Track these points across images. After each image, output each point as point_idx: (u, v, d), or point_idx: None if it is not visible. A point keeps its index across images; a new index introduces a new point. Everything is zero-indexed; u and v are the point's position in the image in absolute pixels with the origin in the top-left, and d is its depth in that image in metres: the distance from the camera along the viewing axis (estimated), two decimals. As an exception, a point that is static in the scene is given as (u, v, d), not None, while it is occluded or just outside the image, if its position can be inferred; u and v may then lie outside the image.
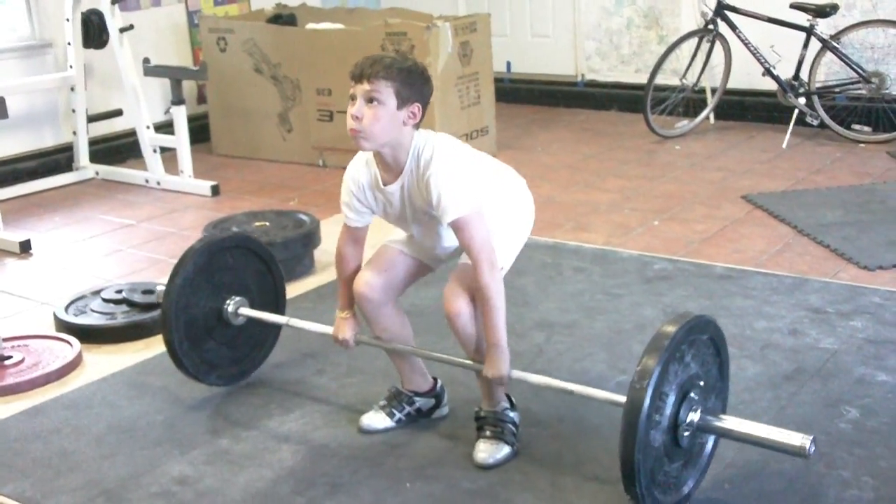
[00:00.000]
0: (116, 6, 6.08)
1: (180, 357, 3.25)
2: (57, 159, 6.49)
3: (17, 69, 6.31)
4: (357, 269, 3.00)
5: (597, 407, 2.83)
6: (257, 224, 4.56)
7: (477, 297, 2.74)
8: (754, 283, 4.17)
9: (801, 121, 6.36)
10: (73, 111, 6.36)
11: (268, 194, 5.92)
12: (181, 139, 6.01)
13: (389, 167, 2.77)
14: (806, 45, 6.27)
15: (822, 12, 6.17)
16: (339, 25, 6.55)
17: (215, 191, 5.95)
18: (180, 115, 5.99)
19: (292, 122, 6.53)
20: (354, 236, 2.98)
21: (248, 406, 3.32)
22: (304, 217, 4.64)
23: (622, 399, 2.43)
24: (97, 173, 6.45)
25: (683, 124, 6.75)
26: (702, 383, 2.55)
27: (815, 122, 6.36)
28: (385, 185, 2.80)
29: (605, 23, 7.53)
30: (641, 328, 3.78)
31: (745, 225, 4.96)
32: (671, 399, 2.44)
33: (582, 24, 7.65)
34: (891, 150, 6.04)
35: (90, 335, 3.87)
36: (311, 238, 4.50)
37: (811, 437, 2.37)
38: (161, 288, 3.36)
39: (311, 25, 6.62)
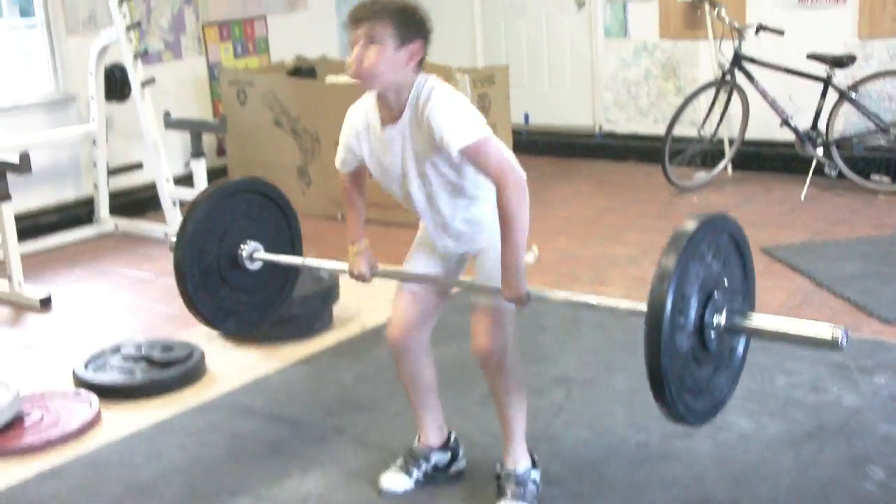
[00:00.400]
0: (139, 60, 6.15)
1: (196, 305, 3.19)
2: (78, 213, 6.55)
3: (41, 123, 6.39)
4: (364, 200, 3.03)
5: (615, 465, 2.81)
6: (276, 279, 4.56)
7: (500, 218, 2.65)
8: (775, 338, 4.14)
9: (819, 171, 6.36)
10: (95, 164, 6.42)
11: (287, 247, 5.93)
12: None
13: (391, 110, 2.73)
14: (824, 96, 6.28)
15: (840, 63, 6.18)
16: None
17: (234, 244, 5.96)
18: (200, 169, 6.04)
19: (311, 175, 6.57)
20: (353, 173, 2.99)
21: (267, 466, 3.31)
22: (322, 273, 4.65)
23: (644, 307, 2.34)
24: (117, 226, 6.49)
25: (701, 176, 6.75)
26: (725, 283, 2.47)
27: (834, 173, 6.35)
28: (384, 126, 2.75)
29: (622, 73, 7.57)
30: (661, 385, 3.75)
31: (765, 278, 4.94)
32: (694, 301, 2.36)
33: (599, 75, 7.69)
34: (910, 200, 6.03)
35: (109, 392, 3.87)
36: (329, 294, 4.51)
37: (842, 327, 2.29)
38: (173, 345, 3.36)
39: (330, 78, 6.68)
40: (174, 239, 3.20)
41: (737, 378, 2.61)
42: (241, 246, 3.26)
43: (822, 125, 6.34)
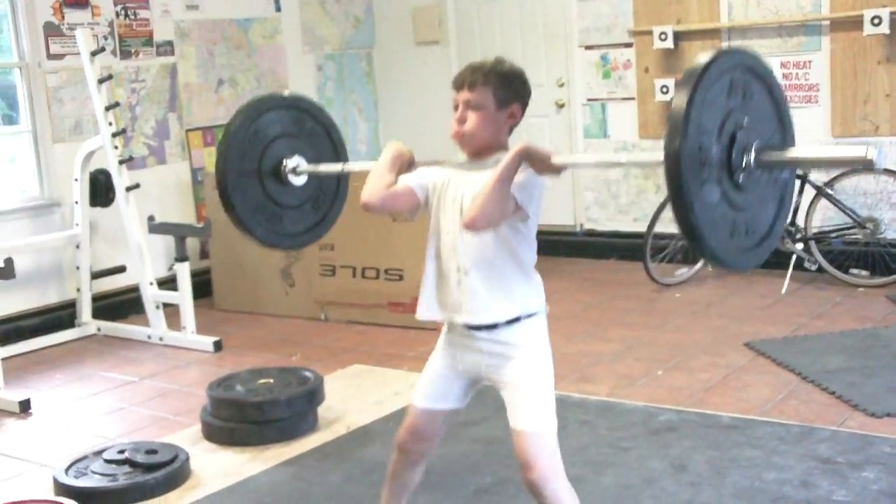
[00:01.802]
0: (124, 165, 6.21)
1: (249, 228, 3.28)
2: (60, 316, 6.52)
3: (25, 228, 6.41)
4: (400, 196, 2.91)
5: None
6: (261, 381, 4.55)
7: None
8: (761, 432, 4.14)
9: (799, 265, 6.43)
10: (78, 268, 6.42)
11: (270, 350, 5.92)
12: (184, 296, 6.05)
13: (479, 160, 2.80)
14: (801, 192, 6.38)
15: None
16: (341, 181, 6.67)
17: (218, 346, 5.95)
18: (184, 272, 6.05)
19: (295, 276, 6.58)
20: (396, 194, 2.88)
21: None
22: (307, 374, 4.63)
23: None
24: (99, 329, 6.47)
25: (683, 272, 6.80)
26: (746, 121, 2.35)
27: (814, 267, 6.42)
28: (465, 168, 2.81)
29: (602, 173, 7.67)
30: (649, 482, 3.74)
31: (749, 372, 4.95)
32: (715, 148, 2.26)
33: (581, 175, 7.79)
34: (889, 293, 6.07)
35: (91, 498, 3.81)
36: (314, 395, 4.48)
37: (877, 147, 2.22)
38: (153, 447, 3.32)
39: (313, 181, 6.74)
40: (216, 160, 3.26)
41: (787, 205, 2.53)
42: (285, 161, 3.30)
43: (800, 220, 6.43)
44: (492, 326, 2.78)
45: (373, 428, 4.54)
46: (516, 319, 2.77)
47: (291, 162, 3.33)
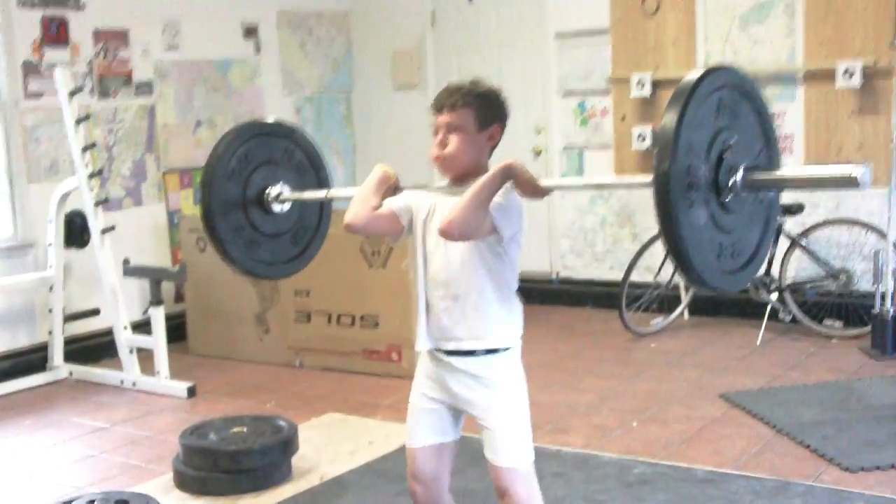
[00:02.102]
0: (100, 207, 6.18)
1: (231, 255, 3.26)
2: (31, 359, 6.44)
3: (-3, 269, 6.36)
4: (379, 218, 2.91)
5: None
6: (235, 430, 4.50)
7: None
8: (736, 486, 4.13)
9: (774, 316, 6.45)
10: (50, 310, 6.36)
11: (245, 396, 5.87)
12: (158, 341, 6.01)
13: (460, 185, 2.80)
14: (776, 243, 6.42)
15: (789, 211, 6.35)
16: (318, 226, 6.65)
17: (191, 392, 5.90)
18: (158, 317, 6.01)
19: (269, 322, 6.55)
20: (379, 216, 2.89)
21: None
22: (282, 423, 4.59)
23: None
24: (71, 373, 6.40)
25: (658, 321, 6.81)
26: (735, 139, 2.34)
27: (788, 318, 6.46)
28: (449, 193, 2.80)
29: (579, 221, 7.70)
30: (624, 538, 3.72)
31: (724, 425, 4.95)
32: (704, 169, 2.25)
33: (556, 223, 7.82)
34: (862, 345, 6.10)
35: (59, 550, 3.75)
36: (288, 445, 4.44)
37: (862, 166, 2.23)
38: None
39: (290, 225, 6.73)
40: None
41: (772, 226, 2.53)
42: (267, 191, 3.31)
43: (775, 271, 6.47)
44: (470, 353, 2.82)
45: (347, 478, 4.50)
46: (494, 350, 2.82)
47: (275, 189, 3.33)
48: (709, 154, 2.30)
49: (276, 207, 3.34)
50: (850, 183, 2.23)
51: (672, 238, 2.22)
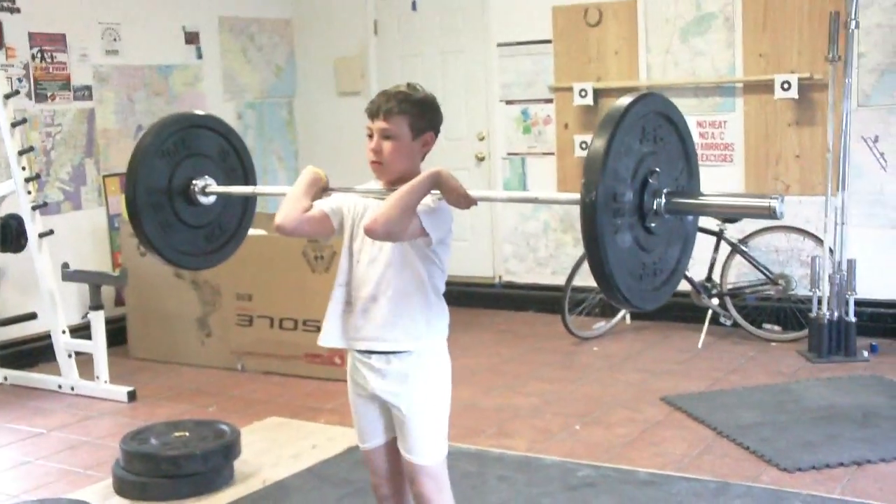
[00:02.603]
0: (37, 211, 6.08)
1: (152, 242, 3.23)
2: (-36, 365, 6.34)
3: (-70, 274, 6.23)
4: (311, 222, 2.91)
5: None
6: (177, 434, 4.45)
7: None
8: (678, 488, 4.17)
9: (715, 320, 6.54)
10: (-15, 315, 6.26)
11: (186, 400, 5.81)
12: (98, 345, 5.92)
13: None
14: (717, 249, 6.52)
15: (730, 218, 6.44)
16: (261, 231, 6.60)
17: (132, 396, 5.82)
18: (98, 321, 5.92)
19: (211, 326, 6.49)
20: (310, 218, 2.89)
21: None
22: (224, 427, 4.54)
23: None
24: (6, 378, 6.28)
25: (601, 325, 6.87)
26: (660, 165, 2.42)
27: (729, 322, 6.55)
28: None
29: (521, 226, 7.74)
30: (568, 539, 3.74)
31: (666, 427, 5.00)
32: (629, 195, 2.32)
33: (499, 228, 7.85)
34: (800, 348, 6.20)
35: (-5, 556, 3.68)
36: (231, 449, 4.40)
37: (778, 197, 2.32)
38: None
39: (232, 230, 6.67)
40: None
41: (691, 243, 2.62)
42: (194, 181, 3.29)
43: (716, 276, 6.55)
44: (389, 353, 2.86)
45: (289, 482, 4.47)
46: (411, 351, 2.86)
47: (202, 181, 3.32)
48: (633, 179, 2.36)
49: (201, 199, 3.33)
50: (768, 213, 2.33)
51: (598, 263, 2.27)
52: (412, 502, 3.01)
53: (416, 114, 2.79)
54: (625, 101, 2.38)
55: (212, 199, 3.35)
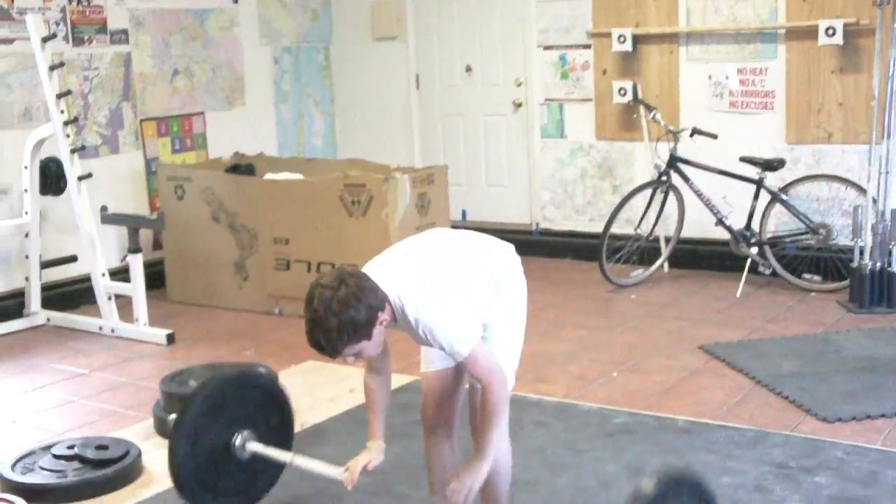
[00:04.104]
0: (76, 155, 6.10)
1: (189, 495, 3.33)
2: (7, 305, 6.39)
3: (-29, 216, 6.28)
4: (385, 395, 3.09)
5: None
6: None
7: (482, 410, 2.93)
8: (716, 436, 4.16)
9: (753, 269, 6.48)
10: (27, 257, 6.30)
11: (224, 343, 5.85)
12: (137, 288, 5.96)
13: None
14: (756, 197, 6.44)
15: (770, 166, 6.36)
16: (297, 176, 6.61)
17: (170, 339, 5.87)
18: (137, 264, 5.95)
19: (249, 270, 6.51)
20: (375, 366, 3.06)
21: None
22: (261, 369, 4.56)
23: None
24: (49, 320, 6.35)
25: (638, 273, 6.83)
26: None
27: (768, 272, 6.48)
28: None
29: (559, 173, 7.68)
30: (605, 486, 3.75)
31: (704, 376, 4.98)
32: None
33: (536, 175, 7.79)
34: (840, 298, 6.14)
35: (39, 495, 3.73)
36: (269, 391, 4.43)
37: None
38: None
39: (269, 175, 6.68)
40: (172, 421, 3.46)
41: None
42: (236, 434, 3.40)
43: (755, 225, 6.48)
44: None
45: (326, 426, 4.50)
46: None
47: (241, 438, 3.42)
48: None
49: (239, 454, 3.42)
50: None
51: None
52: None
53: (354, 334, 2.73)
54: (652, 480, 2.42)
55: (246, 454, 3.43)
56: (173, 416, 3.33)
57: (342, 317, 2.68)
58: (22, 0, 6.47)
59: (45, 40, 6.00)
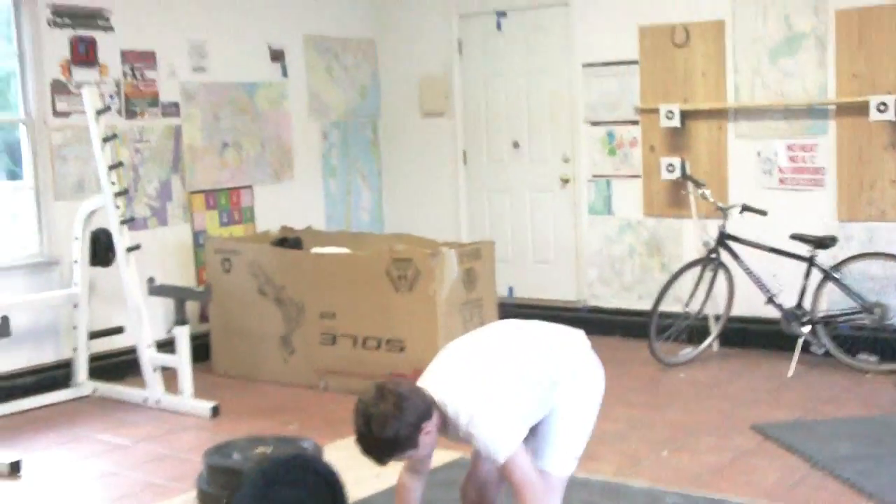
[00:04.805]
0: (125, 226, 6.14)
1: None
2: (55, 375, 6.40)
3: (23, 285, 6.33)
4: (418, 497, 3.11)
5: None
6: (259, 450, 4.42)
7: None
8: (774, 519, 4.04)
9: (805, 349, 6.34)
10: (75, 327, 6.33)
11: (268, 417, 5.80)
12: (183, 359, 5.95)
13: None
14: (808, 275, 6.34)
15: (822, 244, 6.27)
16: (344, 249, 6.61)
17: (215, 412, 5.84)
18: (183, 336, 5.95)
19: (294, 344, 6.49)
20: (414, 465, 3.08)
21: None
22: (305, 444, 4.51)
23: None
24: (95, 390, 6.35)
25: (687, 352, 6.72)
26: None
27: (821, 351, 6.34)
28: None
29: (606, 249, 7.63)
30: (660, 568, 3.62)
31: (757, 456, 4.85)
32: None
33: (584, 251, 7.75)
34: (897, 380, 6.00)
35: (82, 566, 3.68)
36: (314, 465, 4.36)
37: None
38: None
39: (316, 249, 6.69)
40: None
41: None
42: None
43: (806, 304, 6.37)
44: None
45: (372, 501, 4.42)
46: None
47: None
48: None
49: None
50: None
51: None
52: None
53: (395, 446, 2.85)
54: None
55: None
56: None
57: (384, 434, 2.81)
58: (79, 74, 6.60)
59: (99, 113, 6.11)
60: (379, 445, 2.83)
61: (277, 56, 7.94)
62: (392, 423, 2.80)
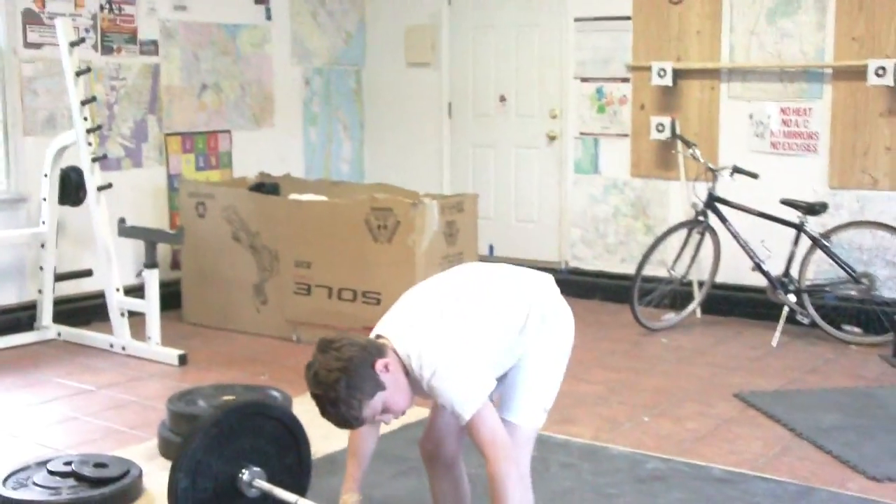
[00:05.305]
0: (97, 164, 5.92)
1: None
2: (18, 317, 6.22)
3: (-12, 222, 6.12)
4: (370, 446, 2.94)
5: None
6: (225, 398, 4.25)
7: (490, 490, 2.66)
8: (756, 488, 3.91)
9: (790, 318, 6.20)
10: (41, 268, 6.13)
11: (238, 367, 5.63)
12: (151, 304, 5.76)
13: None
14: (796, 242, 6.19)
15: (812, 210, 6.12)
16: (322, 197, 6.41)
17: (182, 360, 5.67)
18: (152, 280, 5.75)
19: (268, 293, 6.30)
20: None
21: None
22: (275, 393, 4.36)
23: None
24: (59, 334, 6.16)
25: (670, 317, 6.58)
26: None
27: (806, 321, 6.20)
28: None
29: (591, 210, 7.46)
30: (638, 534, 3.49)
31: (740, 424, 4.72)
32: None
33: (567, 211, 7.57)
34: (883, 353, 5.87)
35: (31, 512, 3.51)
36: (282, 416, 4.21)
37: None
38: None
39: (294, 196, 6.49)
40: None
41: None
42: (243, 470, 3.20)
43: (794, 272, 6.22)
44: None
45: (340, 456, 4.24)
46: None
47: (249, 474, 3.22)
48: None
49: (245, 490, 3.23)
50: None
51: None
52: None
53: (357, 392, 2.60)
54: None
55: (256, 492, 3.24)
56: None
57: (338, 385, 2.58)
58: (53, 5, 6.35)
59: (73, 45, 5.86)
60: (341, 400, 2.60)
61: (261, -2, 7.71)
62: (340, 368, 2.58)
